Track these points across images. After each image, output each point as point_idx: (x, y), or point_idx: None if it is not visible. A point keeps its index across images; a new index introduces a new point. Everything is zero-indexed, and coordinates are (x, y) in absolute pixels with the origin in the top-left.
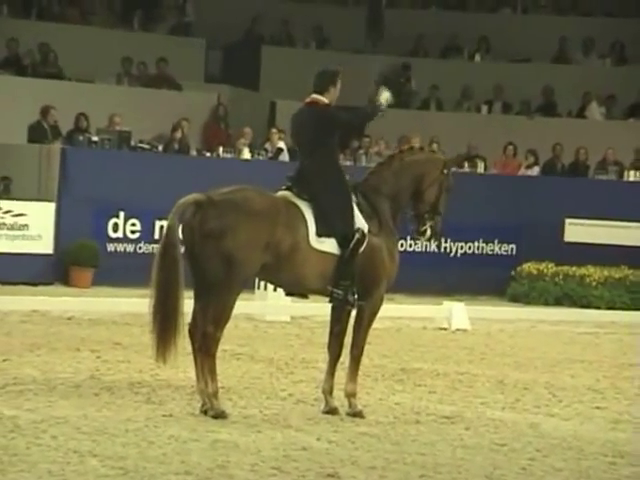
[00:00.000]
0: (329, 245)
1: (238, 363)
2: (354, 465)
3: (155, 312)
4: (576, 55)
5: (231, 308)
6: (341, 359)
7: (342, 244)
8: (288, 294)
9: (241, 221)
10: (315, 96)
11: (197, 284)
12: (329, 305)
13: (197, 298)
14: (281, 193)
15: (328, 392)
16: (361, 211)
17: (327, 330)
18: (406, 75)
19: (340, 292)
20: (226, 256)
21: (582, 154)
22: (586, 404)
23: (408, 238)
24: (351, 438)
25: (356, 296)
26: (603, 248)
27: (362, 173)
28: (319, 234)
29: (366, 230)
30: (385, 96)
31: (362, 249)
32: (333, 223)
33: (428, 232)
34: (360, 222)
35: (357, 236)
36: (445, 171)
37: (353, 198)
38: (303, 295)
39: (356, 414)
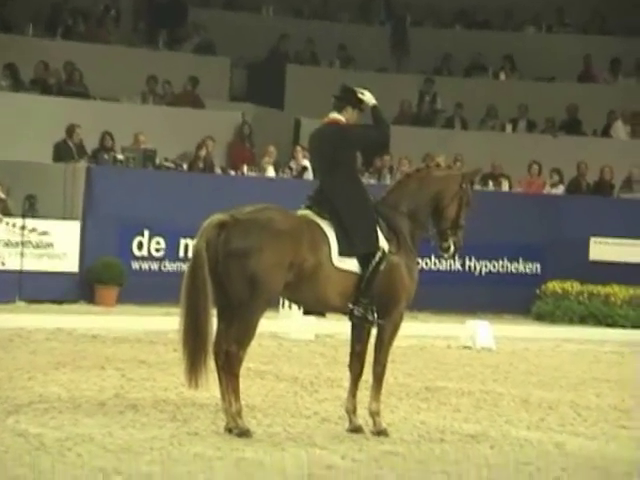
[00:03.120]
0: (350, 264)
1: (262, 381)
2: None
3: (185, 337)
4: (601, 74)
5: (255, 327)
6: (364, 378)
7: (363, 263)
8: (306, 313)
9: (265, 241)
10: (333, 116)
11: (221, 303)
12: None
13: (221, 317)
14: (301, 212)
15: (351, 411)
16: (380, 230)
17: (348, 349)
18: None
19: (360, 310)
20: (250, 276)
21: (607, 173)
22: (611, 423)
23: (432, 257)
24: (376, 457)
25: (376, 315)
26: (628, 267)
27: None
28: (341, 253)
29: (386, 249)
30: (369, 95)
31: (382, 268)
32: (355, 242)
33: (452, 248)
34: (381, 241)
35: (378, 255)
36: (464, 185)
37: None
38: (321, 314)
39: (380, 432)
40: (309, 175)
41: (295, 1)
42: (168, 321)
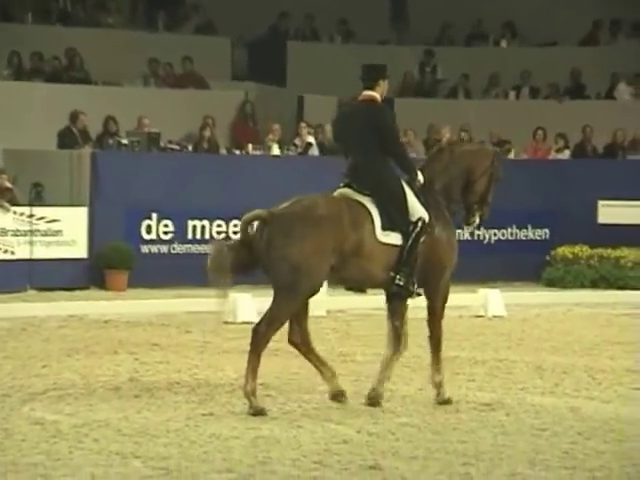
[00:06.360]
0: (394, 237)
1: (276, 359)
2: (395, 456)
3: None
4: (603, 36)
5: (290, 314)
6: (378, 350)
7: (404, 235)
8: (348, 289)
9: (306, 231)
10: (367, 92)
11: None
12: (364, 298)
13: None
14: (340, 191)
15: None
16: (419, 201)
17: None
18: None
19: (402, 279)
20: (295, 267)
21: (619, 135)
22: (626, 386)
23: None
24: (392, 429)
25: (416, 285)
26: (637, 228)
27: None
28: (384, 227)
29: (427, 219)
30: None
31: (423, 239)
32: (393, 217)
33: (477, 222)
34: (421, 212)
35: (420, 224)
36: (495, 162)
37: (409, 191)
38: (361, 290)
39: (444, 402)
40: (314, 151)
41: None
42: (179, 303)
